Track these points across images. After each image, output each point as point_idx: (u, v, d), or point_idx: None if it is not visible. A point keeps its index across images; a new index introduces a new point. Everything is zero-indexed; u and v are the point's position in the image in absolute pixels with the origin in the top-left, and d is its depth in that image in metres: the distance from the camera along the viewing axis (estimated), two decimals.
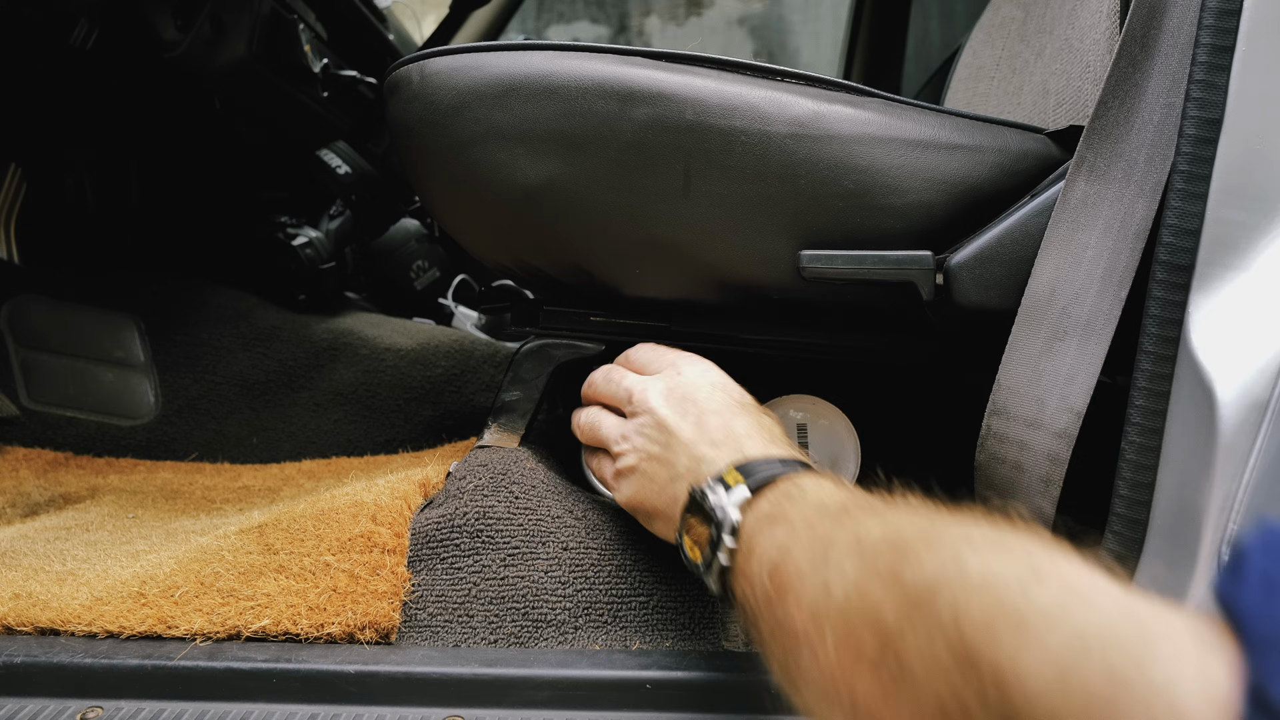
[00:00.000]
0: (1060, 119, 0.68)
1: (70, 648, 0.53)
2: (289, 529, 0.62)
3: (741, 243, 0.59)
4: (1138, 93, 0.52)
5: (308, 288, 1.16)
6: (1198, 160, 0.50)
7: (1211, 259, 0.50)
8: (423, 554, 0.58)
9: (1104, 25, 0.63)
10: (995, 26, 0.95)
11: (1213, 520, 0.49)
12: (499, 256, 0.68)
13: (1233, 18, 0.50)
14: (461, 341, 1.10)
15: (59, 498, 0.85)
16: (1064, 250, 0.53)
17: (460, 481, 0.61)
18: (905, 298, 0.59)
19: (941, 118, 0.59)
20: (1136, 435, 0.51)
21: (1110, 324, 0.52)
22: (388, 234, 1.36)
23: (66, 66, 1.05)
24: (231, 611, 0.54)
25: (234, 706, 0.50)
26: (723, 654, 0.54)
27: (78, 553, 0.66)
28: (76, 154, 1.16)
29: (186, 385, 1.03)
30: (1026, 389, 0.53)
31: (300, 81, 1.03)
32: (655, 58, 0.58)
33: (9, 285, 1.04)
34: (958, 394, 0.68)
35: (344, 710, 0.50)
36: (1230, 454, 0.48)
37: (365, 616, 0.54)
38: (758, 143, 0.56)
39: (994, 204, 0.58)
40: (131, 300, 1.08)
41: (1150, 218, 0.51)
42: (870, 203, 0.57)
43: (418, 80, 0.62)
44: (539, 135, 0.58)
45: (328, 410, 1.04)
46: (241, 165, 1.27)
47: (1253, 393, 0.48)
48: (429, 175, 0.65)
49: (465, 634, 0.55)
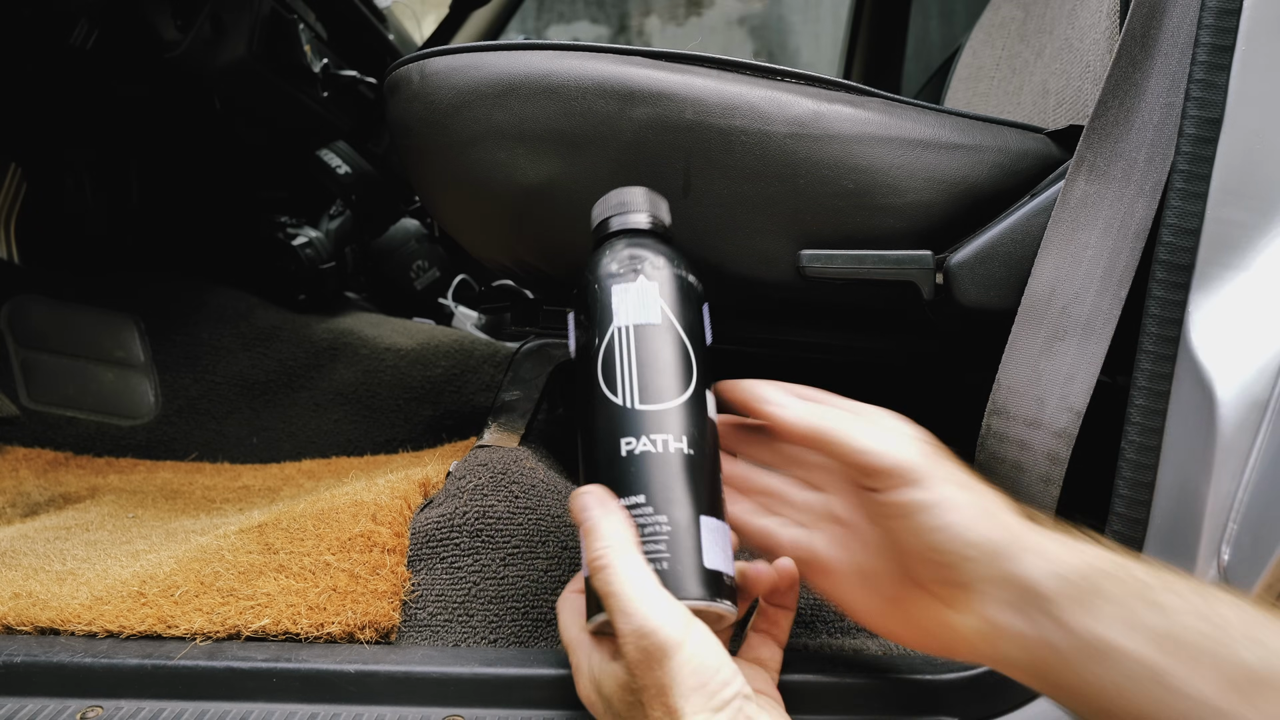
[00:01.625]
0: (1060, 119, 0.68)
1: (70, 647, 0.53)
2: (289, 528, 0.62)
3: (741, 242, 0.59)
4: (1138, 92, 0.52)
5: (308, 288, 1.16)
6: (1197, 160, 0.50)
7: (1211, 259, 0.50)
8: (423, 553, 0.58)
9: (1104, 25, 0.63)
10: (995, 26, 0.95)
11: (1212, 520, 0.49)
12: (499, 256, 0.68)
13: (1233, 18, 0.50)
14: (461, 341, 1.10)
15: (59, 498, 0.85)
16: (1064, 250, 0.53)
17: (460, 481, 0.61)
18: (905, 297, 0.59)
19: (941, 117, 0.59)
20: (1136, 435, 0.51)
21: (1110, 323, 0.52)
22: (388, 234, 1.36)
23: (66, 66, 1.05)
24: (231, 611, 0.54)
25: (234, 706, 0.50)
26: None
27: (78, 552, 0.66)
28: (76, 154, 1.16)
29: (186, 385, 1.03)
30: (1026, 388, 0.53)
31: (300, 81, 1.03)
32: (655, 57, 0.58)
33: (9, 285, 1.04)
34: (958, 394, 0.68)
35: (344, 710, 0.50)
36: (1230, 453, 0.48)
37: (365, 616, 0.54)
38: (758, 142, 0.56)
39: (994, 204, 0.58)
40: (131, 300, 1.08)
41: (1150, 217, 0.51)
42: (870, 202, 0.57)
43: (418, 80, 0.62)
44: (539, 135, 0.58)
45: (328, 410, 1.04)
46: (241, 165, 1.27)
47: (1252, 392, 0.49)
48: (429, 175, 0.65)
49: (465, 634, 0.55)
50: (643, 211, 0.49)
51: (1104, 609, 0.34)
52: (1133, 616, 0.33)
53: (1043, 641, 0.35)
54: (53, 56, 1.03)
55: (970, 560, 0.36)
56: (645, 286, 0.45)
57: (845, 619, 0.58)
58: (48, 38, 1.00)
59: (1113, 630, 0.33)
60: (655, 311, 0.45)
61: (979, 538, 0.36)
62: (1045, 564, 0.35)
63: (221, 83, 0.98)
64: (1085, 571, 0.35)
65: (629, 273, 0.46)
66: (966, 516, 0.36)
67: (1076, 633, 0.34)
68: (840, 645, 0.56)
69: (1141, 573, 0.34)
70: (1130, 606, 0.34)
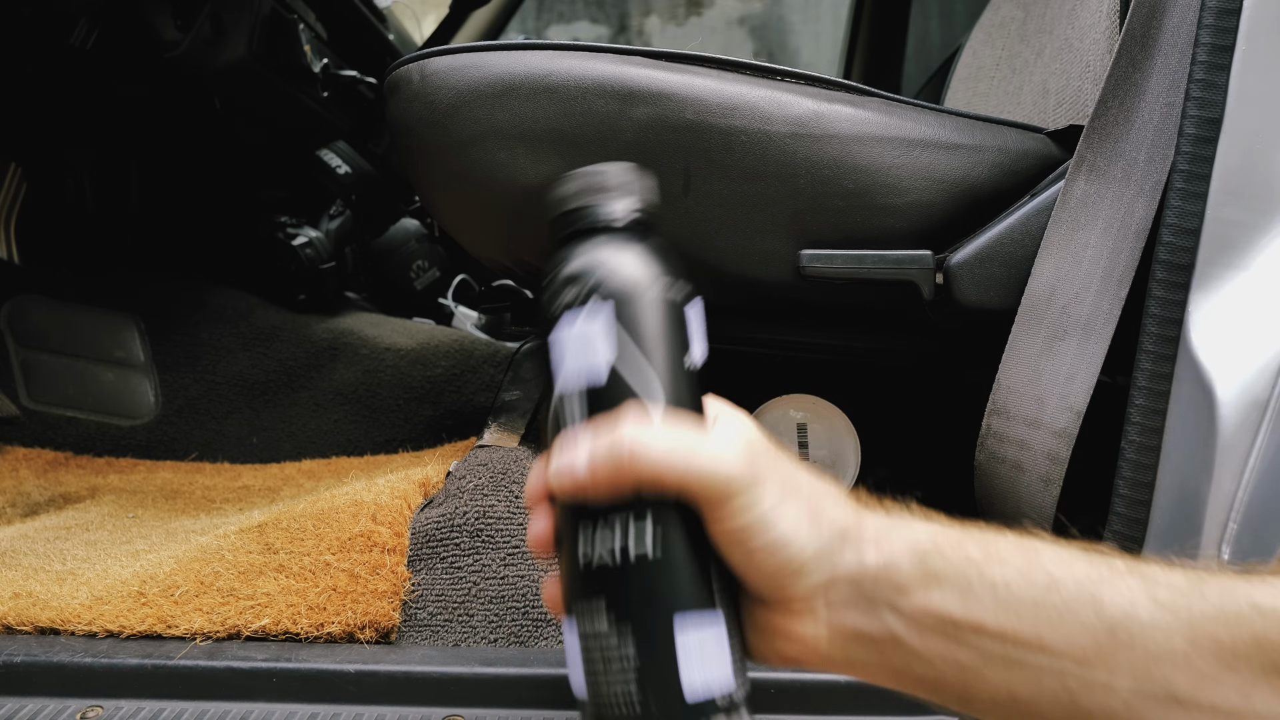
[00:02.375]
0: (1060, 119, 0.68)
1: (70, 647, 0.53)
2: (289, 528, 0.62)
3: (741, 242, 0.59)
4: (1138, 92, 0.52)
5: (308, 288, 1.16)
6: (1197, 160, 0.50)
7: (1211, 259, 0.50)
8: (422, 553, 0.58)
9: (1104, 25, 0.63)
10: (995, 26, 0.95)
11: (1213, 519, 0.49)
12: (499, 256, 0.68)
13: (1233, 18, 0.50)
14: (461, 341, 1.10)
15: (59, 497, 0.85)
16: (1064, 250, 0.53)
17: (460, 481, 0.61)
18: (905, 297, 0.59)
19: (941, 117, 0.59)
20: (1136, 434, 0.51)
21: (1110, 323, 0.52)
22: (388, 234, 1.36)
23: (66, 66, 1.05)
24: (231, 611, 0.54)
25: (234, 706, 0.50)
26: None
27: (78, 552, 0.66)
28: (76, 154, 1.16)
29: (186, 385, 1.03)
30: (1026, 388, 0.53)
31: (300, 81, 1.03)
32: (655, 57, 0.58)
33: (9, 285, 1.04)
34: (958, 394, 0.68)
35: (344, 709, 0.50)
36: (1230, 453, 0.48)
37: (365, 616, 0.54)
38: (758, 142, 0.56)
39: (994, 203, 0.58)
40: (131, 300, 1.08)
41: (1150, 217, 0.51)
42: (870, 202, 0.57)
43: (418, 80, 0.62)
44: (539, 135, 0.58)
45: (328, 410, 1.04)
46: (241, 165, 1.27)
47: (1252, 392, 0.49)
48: (429, 175, 0.65)
49: (465, 633, 0.55)
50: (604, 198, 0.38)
51: (938, 587, 0.33)
52: (968, 590, 0.33)
53: (888, 634, 0.34)
54: (53, 56, 1.03)
55: (803, 569, 0.34)
56: (592, 323, 0.34)
57: None
58: (48, 38, 1.00)
59: (949, 605, 0.33)
60: (603, 360, 0.33)
61: (807, 544, 0.34)
62: (876, 554, 0.34)
63: (221, 83, 0.98)
64: (916, 552, 0.34)
65: (574, 302, 0.34)
66: (791, 526, 0.34)
67: (916, 616, 0.33)
68: None
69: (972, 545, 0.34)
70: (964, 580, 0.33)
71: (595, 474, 0.33)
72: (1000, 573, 0.33)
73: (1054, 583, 0.32)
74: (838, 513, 0.35)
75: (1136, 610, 0.31)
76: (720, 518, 0.33)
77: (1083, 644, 0.31)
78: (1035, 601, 0.32)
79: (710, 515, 0.34)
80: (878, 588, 0.34)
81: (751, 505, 0.33)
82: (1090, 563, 0.33)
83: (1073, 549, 0.34)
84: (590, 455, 0.33)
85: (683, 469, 0.32)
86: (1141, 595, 0.31)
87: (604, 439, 0.33)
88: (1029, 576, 0.33)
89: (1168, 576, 0.32)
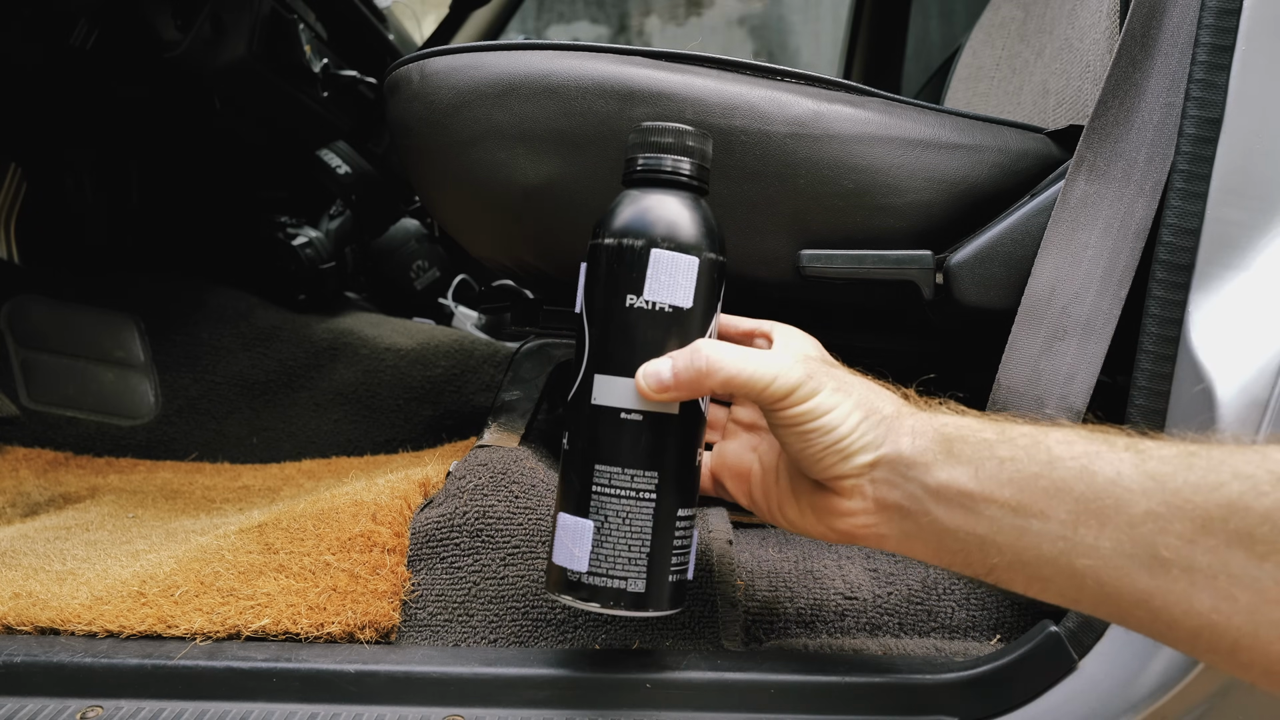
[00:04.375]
0: (1060, 118, 0.68)
1: (70, 647, 0.53)
2: (289, 528, 0.62)
3: (741, 242, 0.59)
4: (1137, 92, 0.52)
5: (308, 288, 1.16)
6: (1197, 160, 0.50)
7: (1211, 258, 0.50)
8: (423, 553, 0.58)
9: (1104, 25, 0.63)
10: (995, 26, 0.95)
11: None
12: (499, 256, 0.68)
13: (1233, 18, 0.50)
14: (461, 341, 1.10)
15: (59, 497, 0.85)
16: (1064, 250, 0.53)
17: (460, 481, 0.61)
18: (905, 297, 0.59)
19: (941, 117, 0.59)
20: None
21: (1110, 323, 0.52)
22: (388, 234, 1.36)
23: (66, 66, 1.05)
24: (231, 611, 0.54)
25: (234, 706, 0.50)
26: (722, 654, 0.54)
27: (78, 552, 0.66)
28: (76, 154, 1.16)
29: (186, 385, 1.03)
30: (1026, 388, 0.53)
31: (300, 81, 1.03)
32: (655, 57, 0.58)
33: (9, 285, 1.04)
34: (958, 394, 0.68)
35: (344, 710, 0.50)
36: None
37: (365, 616, 0.54)
38: (757, 142, 0.56)
39: (994, 203, 0.58)
40: (131, 300, 1.08)
41: (1150, 217, 0.51)
42: (870, 202, 0.57)
43: (418, 80, 0.62)
44: (539, 135, 0.58)
45: (328, 410, 1.04)
46: (241, 165, 1.27)
47: (1252, 392, 0.49)
48: (429, 175, 0.65)
49: (465, 633, 0.55)
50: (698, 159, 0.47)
51: (957, 464, 0.39)
52: (981, 466, 0.39)
53: (920, 508, 0.40)
54: (53, 56, 1.03)
55: (850, 451, 0.42)
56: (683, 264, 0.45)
57: (845, 619, 0.58)
58: (48, 38, 1.00)
59: (965, 480, 0.39)
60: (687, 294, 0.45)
61: (854, 431, 0.42)
62: (912, 440, 0.41)
63: (221, 83, 0.98)
64: (942, 437, 0.40)
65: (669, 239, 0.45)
66: (840, 415, 0.42)
67: (939, 491, 0.40)
68: (840, 645, 0.56)
69: (989, 430, 0.40)
70: (978, 458, 0.39)
71: (679, 378, 0.43)
72: (1008, 451, 0.38)
73: (1054, 459, 0.37)
74: (885, 407, 0.43)
75: (1123, 479, 0.35)
76: (779, 409, 0.42)
77: (1073, 510, 0.35)
78: (1036, 475, 0.37)
79: (772, 411, 0.43)
80: (911, 468, 0.41)
81: (804, 399, 0.42)
82: (1090, 440, 0.37)
83: (1080, 430, 0.38)
84: (673, 365, 0.44)
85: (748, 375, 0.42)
86: (1130, 467, 0.35)
87: (685, 355, 0.44)
88: (1032, 454, 0.38)
89: (1161, 450, 0.35)
